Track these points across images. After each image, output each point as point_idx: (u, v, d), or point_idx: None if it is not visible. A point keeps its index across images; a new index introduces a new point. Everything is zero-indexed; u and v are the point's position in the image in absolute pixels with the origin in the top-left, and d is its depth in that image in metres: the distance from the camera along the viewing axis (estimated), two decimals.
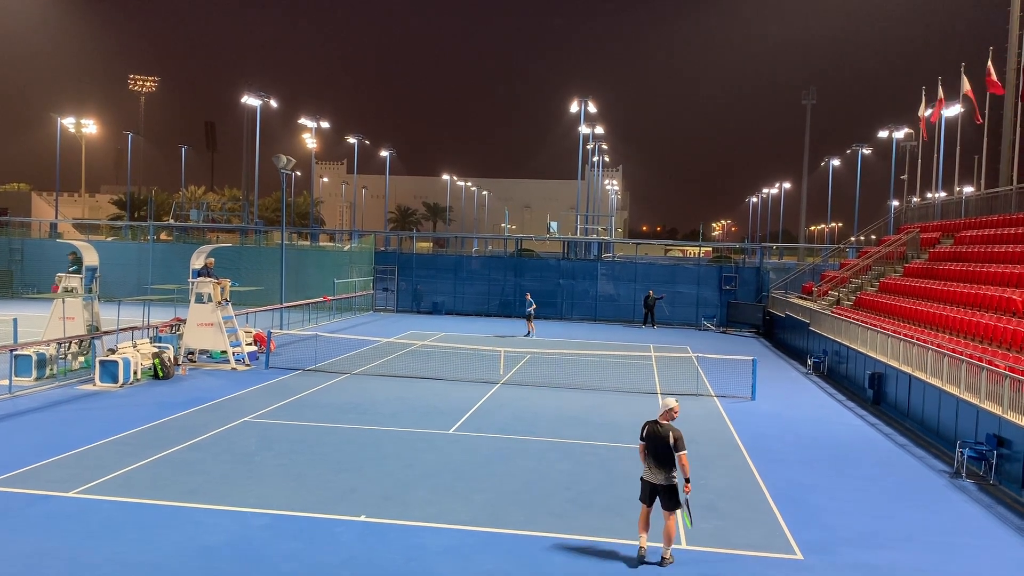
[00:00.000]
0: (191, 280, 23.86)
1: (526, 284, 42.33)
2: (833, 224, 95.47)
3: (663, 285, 41.86)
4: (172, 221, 55.22)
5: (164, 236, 57.50)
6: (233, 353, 23.50)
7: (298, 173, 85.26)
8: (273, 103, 51.63)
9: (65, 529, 10.55)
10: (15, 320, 23.04)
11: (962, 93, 33.51)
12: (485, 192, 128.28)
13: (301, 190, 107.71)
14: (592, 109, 52.74)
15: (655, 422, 10.22)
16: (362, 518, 11.33)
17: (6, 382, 19.14)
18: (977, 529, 12.03)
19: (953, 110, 35.78)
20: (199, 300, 23.50)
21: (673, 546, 10.20)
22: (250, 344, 24.71)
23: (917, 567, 10.42)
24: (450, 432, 16.61)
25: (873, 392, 21.46)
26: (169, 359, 21.54)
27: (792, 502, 12.77)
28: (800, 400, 22.20)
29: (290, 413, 17.81)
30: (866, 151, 57.33)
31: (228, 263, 34.61)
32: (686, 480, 9.99)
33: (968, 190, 40.17)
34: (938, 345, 18.61)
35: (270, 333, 25.44)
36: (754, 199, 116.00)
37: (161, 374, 21.16)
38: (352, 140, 62.53)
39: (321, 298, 36.46)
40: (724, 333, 39.25)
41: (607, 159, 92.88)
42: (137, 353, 21.00)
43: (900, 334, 21.04)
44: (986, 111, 32.31)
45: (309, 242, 58.83)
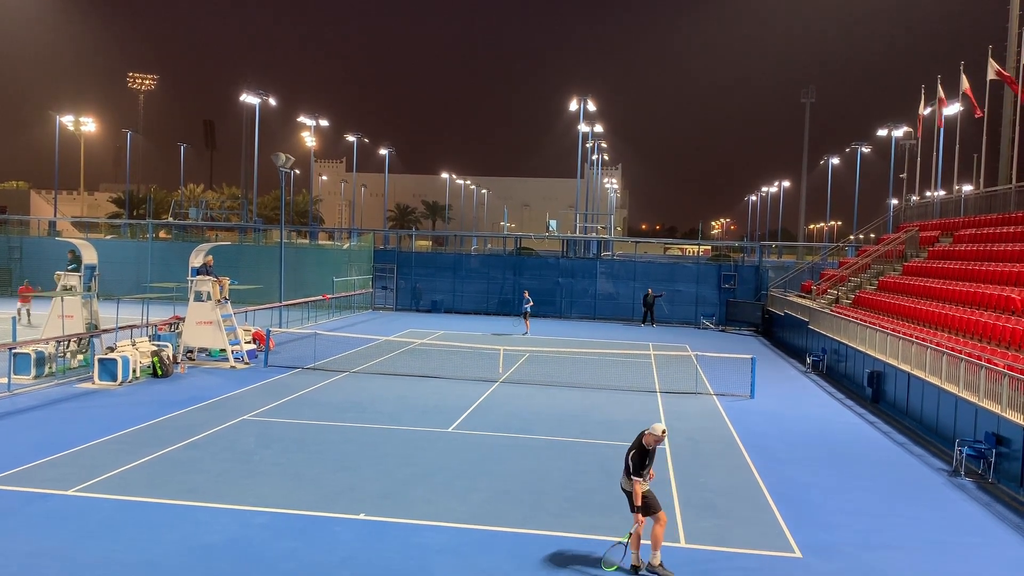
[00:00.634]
0: (190, 278, 23.86)
1: (525, 283, 42.32)
2: (832, 222, 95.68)
3: (662, 284, 41.86)
4: (171, 219, 55.26)
5: (163, 234, 57.53)
6: (232, 351, 23.50)
7: (297, 171, 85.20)
8: (272, 101, 51.68)
9: (63, 528, 10.55)
10: (14, 318, 23.06)
11: (961, 91, 33.49)
12: (484, 190, 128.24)
13: (300, 188, 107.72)
14: (591, 107, 52.80)
15: (641, 435, 9.98)
16: (361, 516, 11.33)
17: (5, 380, 19.12)
18: (976, 527, 12.05)
19: (952, 109, 35.78)
20: (198, 298, 23.50)
21: (664, 543, 9.92)
22: (249, 342, 24.72)
23: (916, 565, 10.43)
24: (449, 431, 16.61)
25: (872, 390, 21.47)
26: (168, 357, 21.54)
27: (791, 500, 12.78)
28: (799, 399, 22.21)
29: (289, 411, 17.80)
30: (865, 149, 57.35)
31: (227, 261, 34.55)
32: (634, 508, 9.72)
33: (967, 189, 40.20)
34: (937, 343, 18.62)
35: (269, 331, 25.44)
36: (753, 197, 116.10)
37: (160, 372, 21.16)
38: (351, 138, 62.52)
39: (320, 296, 36.46)
40: (723, 332, 39.28)
41: (606, 157, 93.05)
42: (136, 351, 20.99)
43: (899, 332, 21.05)
44: (985, 109, 32.29)
45: (308, 240, 58.86)
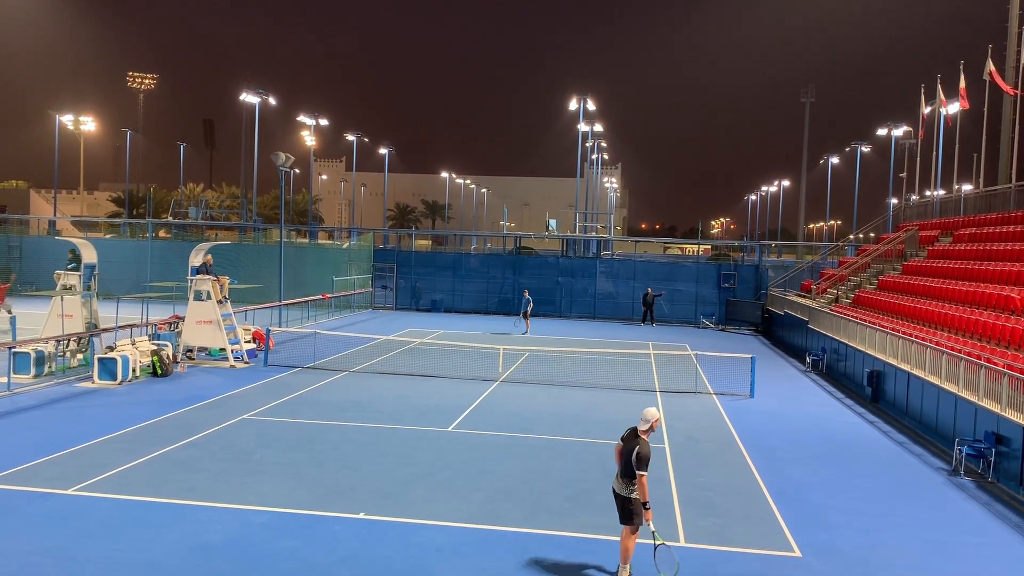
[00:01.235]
0: (190, 278, 23.85)
1: (525, 282, 42.32)
2: (832, 222, 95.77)
3: (662, 283, 41.86)
4: (171, 219, 55.26)
5: (163, 234, 57.52)
6: (232, 350, 23.49)
7: (297, 171, 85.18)
8: (272, 101, 51.59)
9: (63, 527, 10.55)
10: (13, 317, 23.06)
11: (960, 90, 33.49)
12: (484, 190, 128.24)
13: (300, 188, 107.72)
14: (591, 107, 52.76)
15: (635, 430, 9.69)
16: (361, 516, 11.33)
17: (5, 379, 19.11)
18: (975, 527, 12.05)
19: (952, 108, 35.77)
20: (198, 298, 23.49)
21: (665, 542, 9.72)
22: (249, 342, 24.71)
23: (915, 564, 10.43)
24: (449, 430, 16.61)
25: (872, 390, 21.47)
26: (168, 357, 21.54)
27: (791, 500, 12.79)
28: (799, 398, 22.21)
29: (289, 411, 17.80)
30: (865, 149, 57.32)
31: (227, 261, 34.54)
32: (644, 505, 9.30)
33: (967, 188, 40.21)
34: (937, 343, 18.62)
35: (269, 331, 25.43)
36: (753, 197, 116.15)
37: (160, 372, 21.16)
38: (351, 138, 62.51)
39: (320, 296, 36.46)
40: (723, 331, 39.27)
41: (606, 157, 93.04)
42: (136, 351, 20.98)
43: (899, 332, 21.05)
44: (985, 109, 32.31)
45: (308, 240, 58.84)
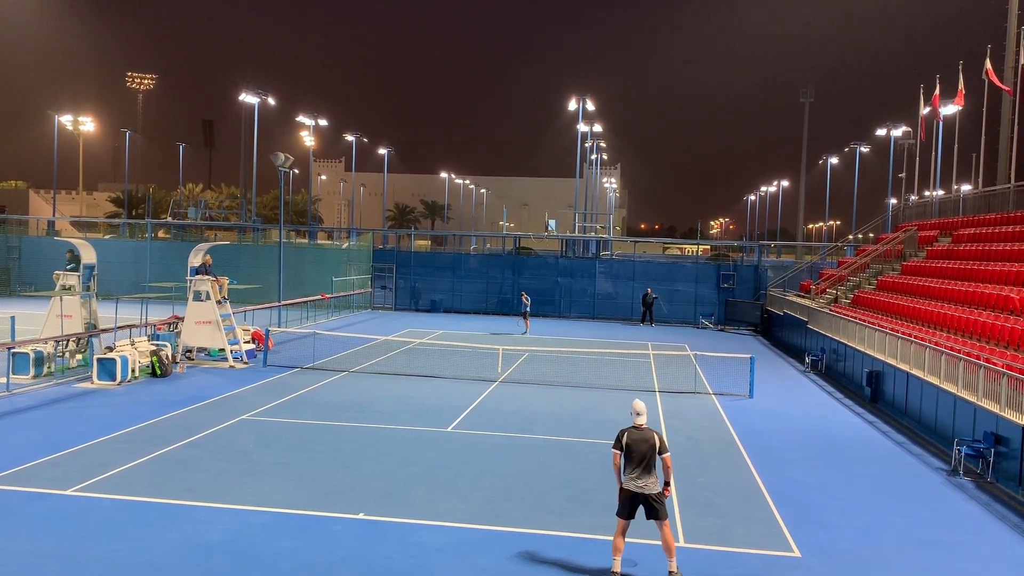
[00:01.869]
0: (189, 278, 23.85)
1: (524, 282, 42.35)
2: (831, 222, 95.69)
3: (661, 283, 41.86)
4: (170, 219, 55.19)
5: (162, 234, 57.48)
6: (231, 351, 23.49)
7: (296, 171, 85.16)
8: (271, 101, 51.58)
9: (63, 527, 10.55)
10: (12, 318, 23.03)
11: (958, 91, 33.53)
12: (483, 190, 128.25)
13: (299, 188, 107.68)
14: (590, 107, 52.77)
15: (634, 427, 9.70)
16: (360, 516, 11.33)
17: (4, 380, 19.11)
18: (974, 527, 12.05)
19: (951, 108, 35.80)
20: (197, 298, 23.48)
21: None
22: (248, 342, 24.71)
23: (914, 565, 10.44)
24: (448, 430, 16.61)
25: (871, 390, 21.47)
26: (167, 357, 21.53)
27: (790, 500, 12.79)
28: (798, 398, 22.22)
29: (288, 411, 17.80)
30: (864, 149, 57.37)
31: (226, 261, 34.53)
32: (666, 484, 9.67)
33: (966, 188, 40.25)
34: (936, 343, 18.63)
35: (268, 331, 25.42)
36: (752, 197, 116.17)
37: (159, 372, 21.15)
38: (350, 138, 62.54)
39: (319, 296, 36.46)
40: (722, 331, 39.29)
41: (605, 157, 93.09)
42: (135, 351, 20.98)
43: (898, 332, 21.06)
44: (984, 109, 32.35)
45: (307, 240, 58.84)
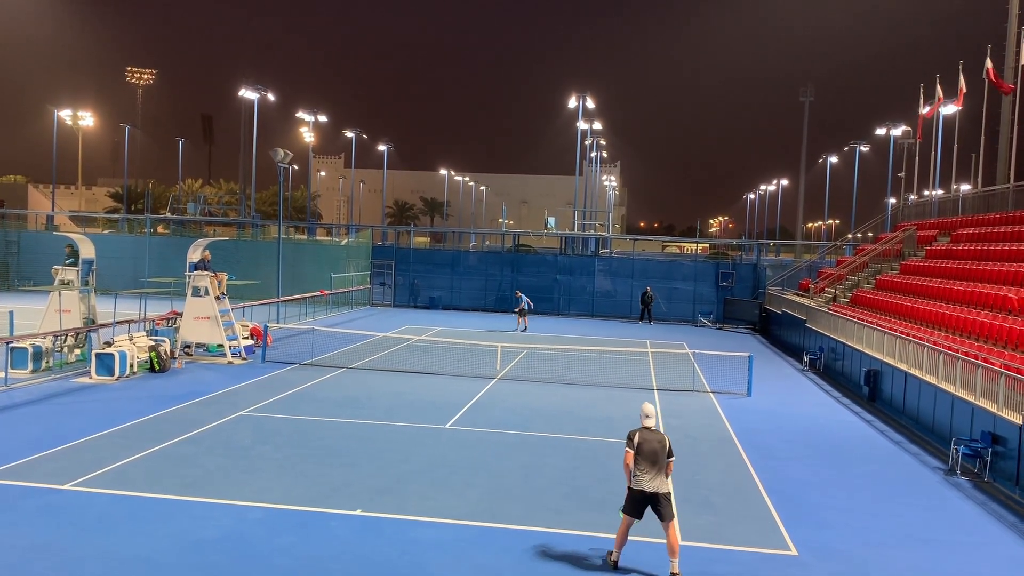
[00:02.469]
0: (188, 273, 23.84)
1: (523, 279, 42.36)
2: (830, 221, 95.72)
3: (660, 281, 41.88)
4: (169, 214, 55.24)
5: (161, 229, 57.47)
6: (229, 347, 23.48)
7: (295, 167, 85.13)
8: (271, 96, 51.53)
9: (60, 522, 10.55)
10: (11, 312, 23.04)
11: (959, 91, 33.53)
12: (483, 187, 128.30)
13: (298, 184, 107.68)
14: (590, 105, 52.76)
15: (646, 429, 9.85)
16: (358, 512, 11.33)
17: (2, 374, 19.08)
18: (971, 526, 12.07)
19: (951, 108, 35.79)
20: (196, 293, 23.47)
21: (662, 539, 9.83)
22: (246, 338, 24.70)
23: (912, 564, 10.45)
24: (446, 427, 16.62)
25: (869, 389, 21.49)
26: (165, 352, 21.52)
27: (787, 498, 12.80)
28: (796, 397, 22.23)
29: (286, 407, 17.80)
30: (864, 148, 57.41)
31: (225, 257, 34.49)
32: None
33: (965, 188, 40.25)
34: (934, 342, 18.64)
35: (267, 327, 25.41)
36: (752, 196, 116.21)
37: (157, 367, 21.14)
38: (350, 134, 62.54)
39: (318, 292, 36.44)
40: (721, 329, 39.30)
41: (605, 155, 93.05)
42: (133, 346, 20.97)
43: (896, 331, 21.07)
44: (984, 109, 32.36)
45: (306, 236, 58.83)
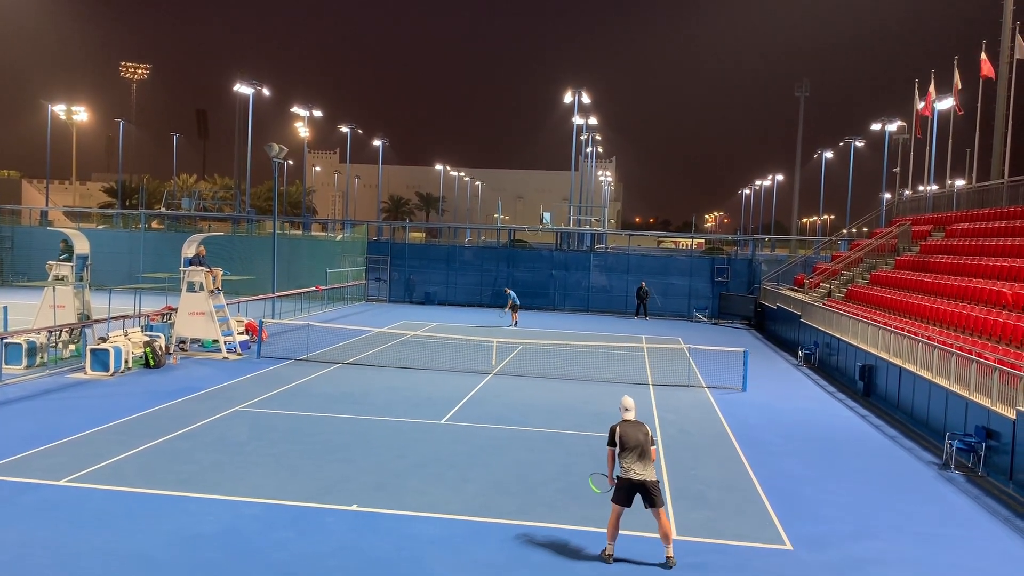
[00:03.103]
0: (183, 269, 23.78)
1: (519, 275, 42.38)
2: (825, 216, 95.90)
3: (656, 276, 41.92)
4: (164, 209, 55.06)
5: (155, 224, 57.33)
6: (225, 342, 23.45)
7: (290, 162, 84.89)
8: (265, 91, 51.28)
9: (55, 518, 10.53)
10: (5, 308, 22.95)
11: (954, 86, 33.57)
12: (478, 182, 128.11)
13: (293, 179, 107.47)
14: (586, 100, 52.66)
15: (626, 422, 9.97)
16: (354, 507, 11.33)
17: None
18: (965, 520, 12.12)
19: (945, 104, 35.83)
20: (191, 289, 23.42)
21: (657, 534, 9.93)
22: (242, 333, 24.66)
23: (906, 558, 10.49)
24: (442, 422, 16.63)
25: (863, 384, 21.55)
26: (160, 348, 21.48)
27: (782, 493, 12.84)
28: (791, 392, 22.29)
29: (282, 402, 17.79)
30: (859, 144, 57.47)
31: (220, 252, 34.46)
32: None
33: (960, 183, 40.35)
34: (928, 337, 18.69)
35: (262, 322, 25.37)
36: (747, 191, 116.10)
37: (152, 363, 21.10)
38: (345, 129, 62.37)
39: (313, 288, 36.39)
40: (716, 325, 39.36)
41: (600, 150, 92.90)
42: (128, 342, 20.93)
43: (891, 326, 21.12)
44: (978, 105, 32.39)
45: (301, 231, 58.72)
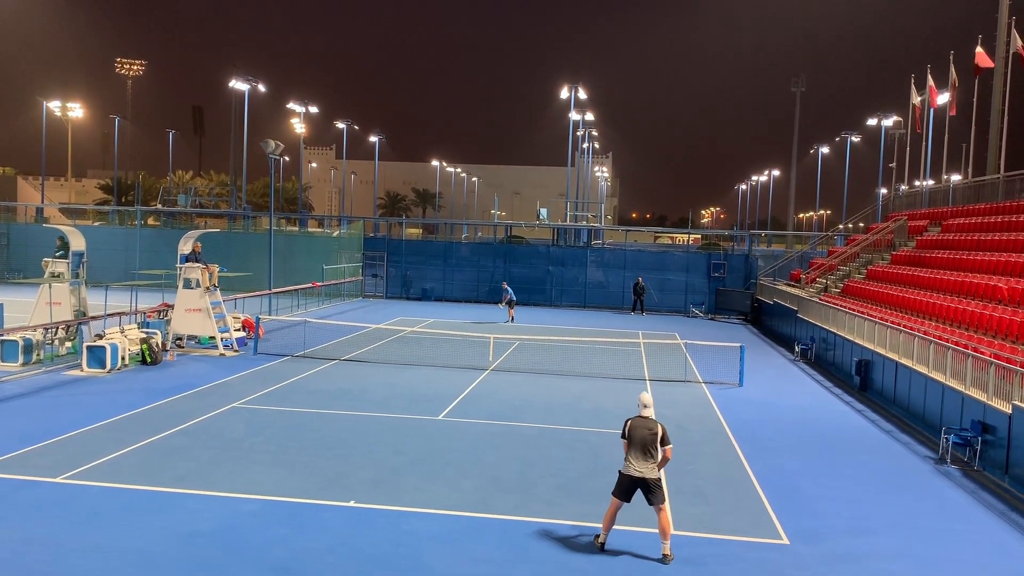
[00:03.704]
0: (179, 265, 23.75)
1: (515, 271, 42.37)
2: (821, 212, 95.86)
3: (652, 272, 41.92)
4: (160, 206, 54.93)
5: (151, 221, 57.19)
6: (221, 339, 23.43)
7: (286, 158, 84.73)
8: (261, 88, 51.25)
9: (52, 515, 10.52)
10: (1, 305, 22.92)
11: (950, 82, 33.58)
12: (475, 178, 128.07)
13: (289, 175, 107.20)
14: (582, 95, 52.60)
15: (640, 417, 10.07)
16: (351, 504, 11.34)
17: None
18: (961, 515, 12.16)
19: (942, 99, 35.85)
20: (187, 285, 23.39)
21: (654, 529, 10.06)
22: (238, 330, 24.63)
23: (902, 552, 10.53)
24: (439, 418, 16.63)
25: (860, 379, 21.59)
26: (157, 345, 21.45)
27: (779, 488, 12.87)
28: (787, 387, 22.32)
29: (279, 399, 17.78)
30: (855, 139, 57.53)
31: (216, 248, 34.41)
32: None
33: (956, 178, 40.39)
34: (924, 332, 18.74)
35: (258, 319, 25.35)
36: (743, 186, 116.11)
37: (149, 360, 21.08)
38: (341, 125, 62.26)
39: (310, 284, 36.36)
40: (712, 320, 39.40)
41: (597, 146, 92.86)
42: (125, 339, 20.90)
43: (887, 321, 21.17)
44: (974, 100, 32.39)
45: (298, 228, 58.71)
